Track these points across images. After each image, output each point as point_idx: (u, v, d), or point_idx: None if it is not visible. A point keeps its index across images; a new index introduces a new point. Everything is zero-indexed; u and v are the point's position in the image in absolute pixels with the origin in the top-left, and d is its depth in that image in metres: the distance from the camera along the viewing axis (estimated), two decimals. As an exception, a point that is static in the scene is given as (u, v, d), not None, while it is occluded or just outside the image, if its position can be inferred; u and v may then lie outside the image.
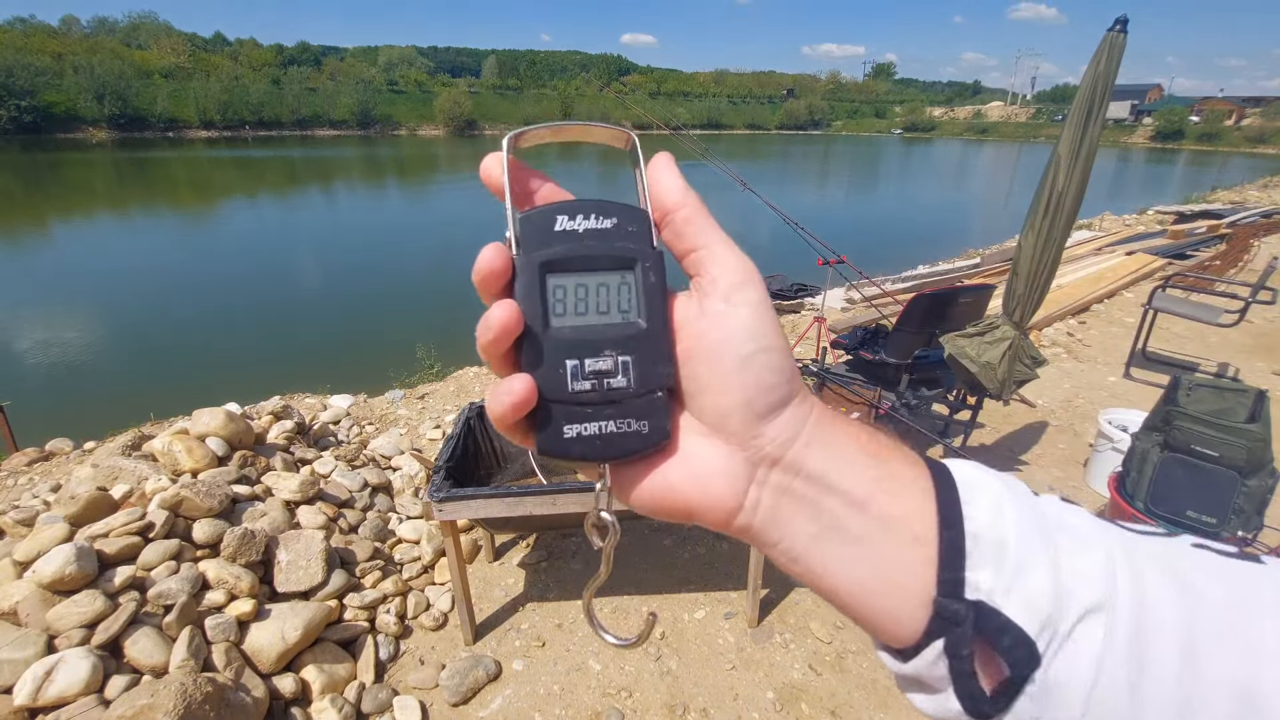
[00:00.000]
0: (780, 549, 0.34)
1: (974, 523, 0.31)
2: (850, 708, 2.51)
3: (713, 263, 0.34)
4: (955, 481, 0.33)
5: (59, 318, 9.52)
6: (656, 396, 0.34)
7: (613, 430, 0.34)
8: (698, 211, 0.35)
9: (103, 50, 60.65)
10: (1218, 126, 76.90)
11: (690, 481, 0.34)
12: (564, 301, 0.34)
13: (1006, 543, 0.30)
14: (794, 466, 0.33)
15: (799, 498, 0.33)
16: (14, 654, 2.05)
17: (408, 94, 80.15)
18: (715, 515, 0.34)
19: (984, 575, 0.30)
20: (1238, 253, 9.84)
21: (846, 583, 0.33)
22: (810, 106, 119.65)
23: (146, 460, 3.20)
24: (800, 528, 0.33)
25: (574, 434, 0.34)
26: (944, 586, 0.31)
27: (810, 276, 8.55)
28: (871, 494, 0.33)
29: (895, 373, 3.98)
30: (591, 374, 0.34)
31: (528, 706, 2.50)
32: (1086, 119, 2.94)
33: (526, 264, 0.34)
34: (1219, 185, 24.42)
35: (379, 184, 30.43)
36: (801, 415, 0.34)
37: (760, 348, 0.33)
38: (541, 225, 0.34)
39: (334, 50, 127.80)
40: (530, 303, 0.34)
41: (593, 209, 0.35)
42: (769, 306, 0.34)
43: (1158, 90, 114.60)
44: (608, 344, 0.34)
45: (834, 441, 0.34)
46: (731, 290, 0.34)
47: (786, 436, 0.33)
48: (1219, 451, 2.85)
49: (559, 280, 0.34)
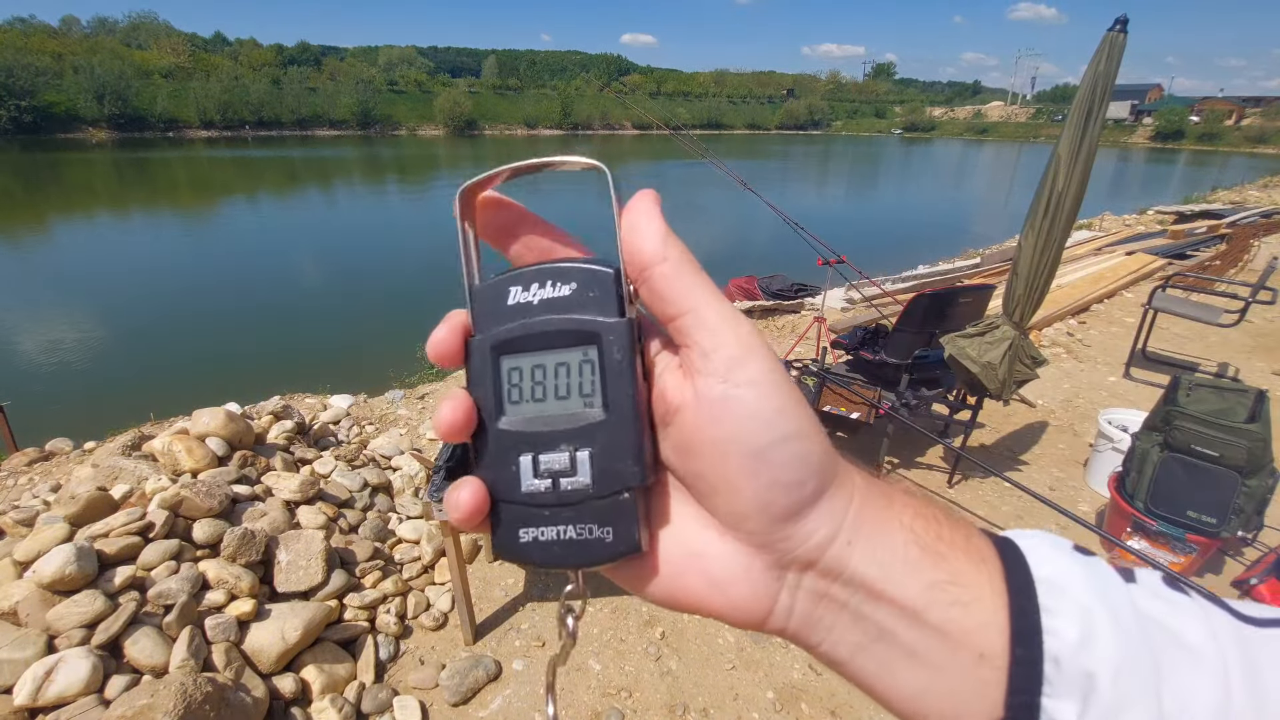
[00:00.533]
0: (821, 651, 0.30)
1: (1057, 641, 0.26)
2: (850, 708, 2.51)
3: (701, 332, 0.28)
4: (1033, 580, 0.28)
5: (59, 318, 9.52)
6: (623, 498, 0.29)
7: (572, 536, 0.30)
8: (680, 266, 0.28)
9: (103, 50, 60.60)
10: (1218, 126, 76.90)
11: (706, 587, 0.30)
12: (520, 386, 0.31)
13: (1097, 676, 0.25)
14: (833, 570, 0.28)
15: (840, 605, 0.29)
16: (14, 654, 2.05)
17: (408, 94, 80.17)
18: (741, 621, 0.30)
19: (1066, 709, 0.26)
20: (1238, 253, 9.84)
21: (898, 696, 0.29)
22: (810, 106, 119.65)
23: (146, 460, 3.20)
24: (842, 636, 0.29)
25: (530, 539, 0.30)
26: (1013, 710, 0.26)
27: (810, 276, 8.55)
28: (929, 603, 0.28)
29: (895, 373, 3.98)
30: (547, 472, 0.30)
31: (528, 706, 2.50)
32: (1086, 119, 2.95)
33: (479, 347, 0.31)
34: (1219, 185, 24.42)
35: (379, 184, 30.43)
36: (840, 508, 0.29)
37: (776, 439, 0.27)
38: (494, 299, 0.31)
39: (334, 50, 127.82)
40: (483, 390, 0.30)
41: (549, 275, 0.30)
42: (783, 381, 0.28)
43: (1158, 90, 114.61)
44: (565, 437, 0.30)
45: (882, 537, 0.29)
46: (730, 368, 0.28)
47: (822, 537, 0.28)
48: (1219, 451, 2.85)
49: (514, 362, 0.30)
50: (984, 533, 0.31)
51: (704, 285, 0.29)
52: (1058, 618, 0.27)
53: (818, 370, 4.09)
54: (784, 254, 9.72)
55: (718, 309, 0.28)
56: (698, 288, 0.28)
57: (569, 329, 0.30)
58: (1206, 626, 0.27)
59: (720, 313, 0.28)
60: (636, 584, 0.31)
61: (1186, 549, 2.91)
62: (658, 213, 0.29)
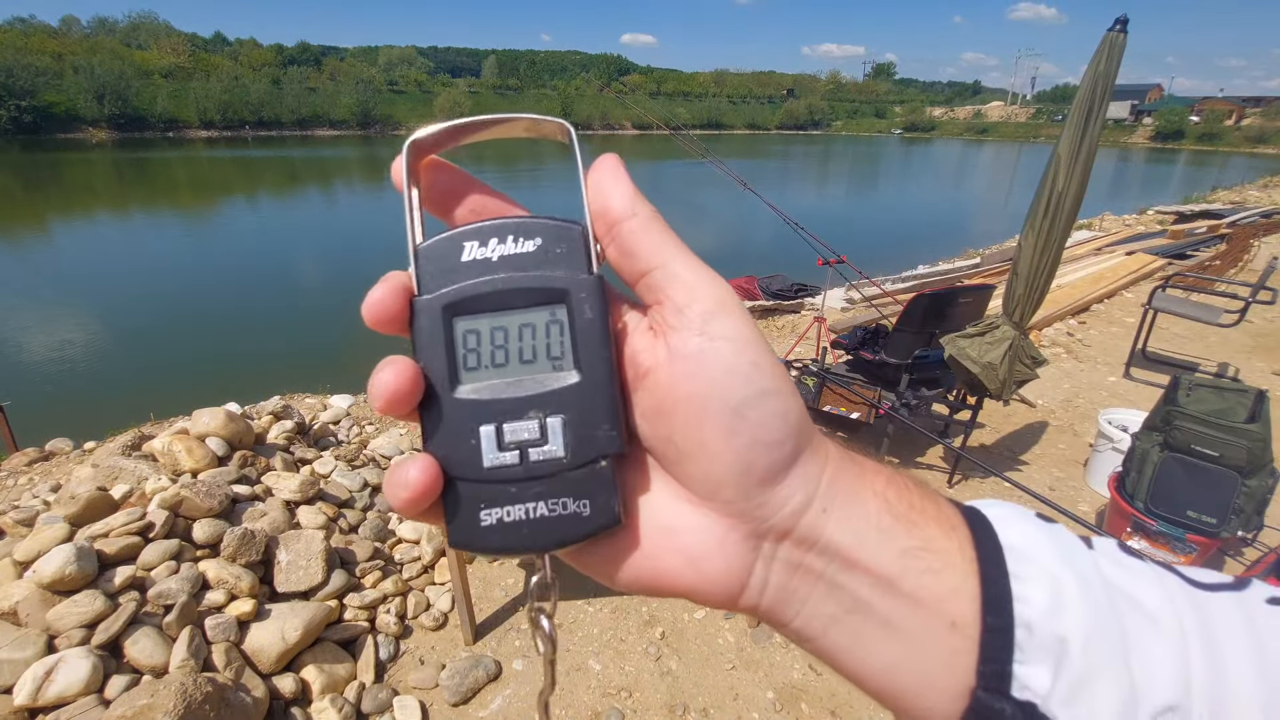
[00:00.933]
0: (793, 628, 0.29)
1: (1027, 607, 0.26)
2: (850, 708, 2.51)
3: (675, 286, 0.27)
4: (1002, 547, 0.28)
5: (59, 318, 9.52)
6: (600, 467, 0.27)
7: (544, 514, 0.27)
8: (650, 221, 0.28)
9: (103, 50, 60.67)
10: (1218, 126, 76.97)
11: (680, 563, 0.28)
12: (477, 351, 0.28)
13: (1068, 641, 0.25)
14: (808, 539, 0.28)
15: (815, 575, 0.28)
16: (14, 654, 2.05)
17: (408, 94, 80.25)
18: (714, 598, 0.29)
19: (1038, 674, 0.25)
20: (1238, 253, 9.85)
21: (869, 670, 0.28)
22: (810, 106, 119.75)
23: (146, 460, 3.20)
24: (816, 609, 0.28)
25: (493, 520, 0.27)
26: (985, 678, 0.26)
27: (810, 276, 8.55)
28: (902, 570, 0.27)
29: (895, 373, 3.98)
30: (513, 444, 0.27)
31: (527, 707, 2.50)
32: (1086, 119, 2.95)
33: (427, 308, 0.27)
34: (1219, 185, 24.44)
35: (379, 184, 30.42)
36: (814, 474, 0.28)
37: (756, 392, 0.26)
38: (446, 256, 0.28)
39: (334, 50, 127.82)
40: (433, 357, 0.27)
41: (510, 230, 0.28)
42: (758, 337, 0.28)
43: (1158, 90, 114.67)
44: (533, 403, 0.27)
45: (856, 505, 0.28)
46: (706, 320, 0.27)
47: (797, 503, 0.27)
48: (1219, 451, 2.85)
49: (470, 324, 0.28)
50: (952, 502, 0.30)
51: (675, 241, 0.28)
52: (1027, 584, 0.27)
53: (818, 370, 4.10)
54: (784, 254, 9.72)
55: (690, 263, 0.28)
56: (669, 243, 0.28)
57: (535, 286, 0.28)
58: (1164, 592, 0.27)
59: (693, 267, 0.28)
60: (608, 566, 0.29)
61: (1186, 549, 2.91)
62: (624, 172, 0.29)
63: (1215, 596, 0.28)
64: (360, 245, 15.81)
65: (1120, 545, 0.30)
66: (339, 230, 18.42)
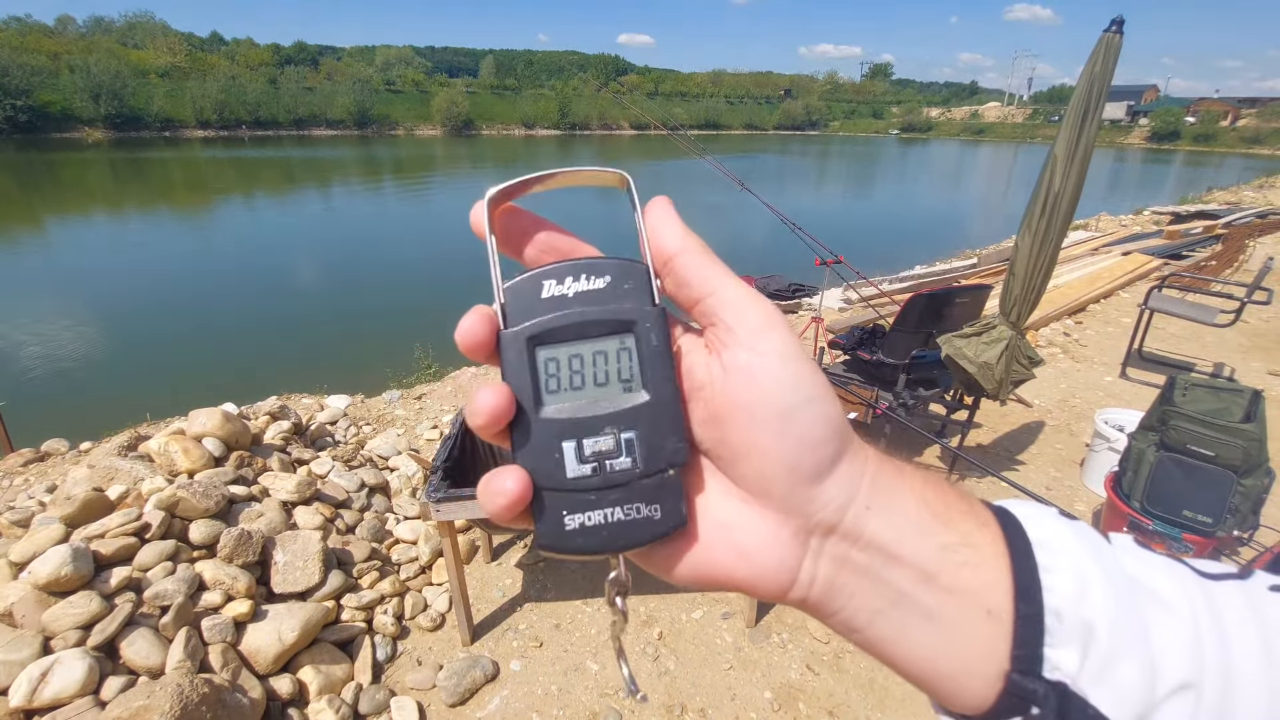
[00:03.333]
0: (839, 619, 0.31)
1: (1055, 596, 0.29)
2: (848, 707, 2.52)
3: (725, 309, 0.31)
4: (1030, 542, 0.30)
5: (55, 318, 9.49)
6: (668, 475, 0.31)
7: (620, 518, 0.31)
8: (700, 255, 0.31)
9: (99, 50, 60.41)
10: (1213, 127, 77.22)
11: (734, 557, 0.31)
12: (557, 376, 0.31)
13: (1094, 624, 0.28)
14: (852, 534, 0.30)
15: (861, 570, 0.30)
16: (9, 655, 2.04)
17: (405, 94, 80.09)
18: (766, 590, 0.31)
19: (1067, 656, 0.28)
20: (1233, 253, 9.88)
21: (912, 658, 0.30)
22: (808, 107, 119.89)
23: (143, 461, 3.20)
24: (862, 602, 0.31)
25: (576, 525, 0.31)
26: (1019, 662, 0.28)
27: (808, 276, 8.56)
28: (942, 565, 0.30)
29: (892, 373, 3.98)
30: (591, 456, 0.31)
31: (525, 707, 2.50)
32: (1083, 120, 2.95)
33: (513, 340, 0.31)
34: (1215, 186, 24.52)
35: (376, 184, 30.40)
36: (856, 472, 0.31)
37: (802, 399, 0.29)
38: (528, 294, 0.31)
39: (331, 50, 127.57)
40: (520, 381, 0.31)
41: (583, 269, 0.32)
42: (801, 350, 0.31)
43: (1154, 91, 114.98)
44: (608, 420, 0.31)
45: (897, 503, 0.31)
46: (754, 337, 0.30)
47: (842, 499, 0.30)
48: (1215, 451, 2.86)
49: (550, 353, 0.31)
50: (983, 501, 0.33)
51: (723, 270, 0.31)
52: (1055, 574, 0.29)
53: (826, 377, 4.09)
54: (781, 254, 9.74)
55: (738, 289, 0.31)
56: (718, 272, 0.31)
57: (606, 318, 0.31)
58: (1176, 582, 0.30)
59: (740, 292, 0.31)
60: (670, 562, 0.32)
61: (1183, 548, 2.91)
62: (674, 213, 0.32)
63: (1222, 585, 0.30)
64: (359, 245, 15.81)
65: (1135, 540, 0.33)
66: (336, 230, 18.38)
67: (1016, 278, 3.33)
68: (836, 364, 4.57)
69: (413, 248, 15.91)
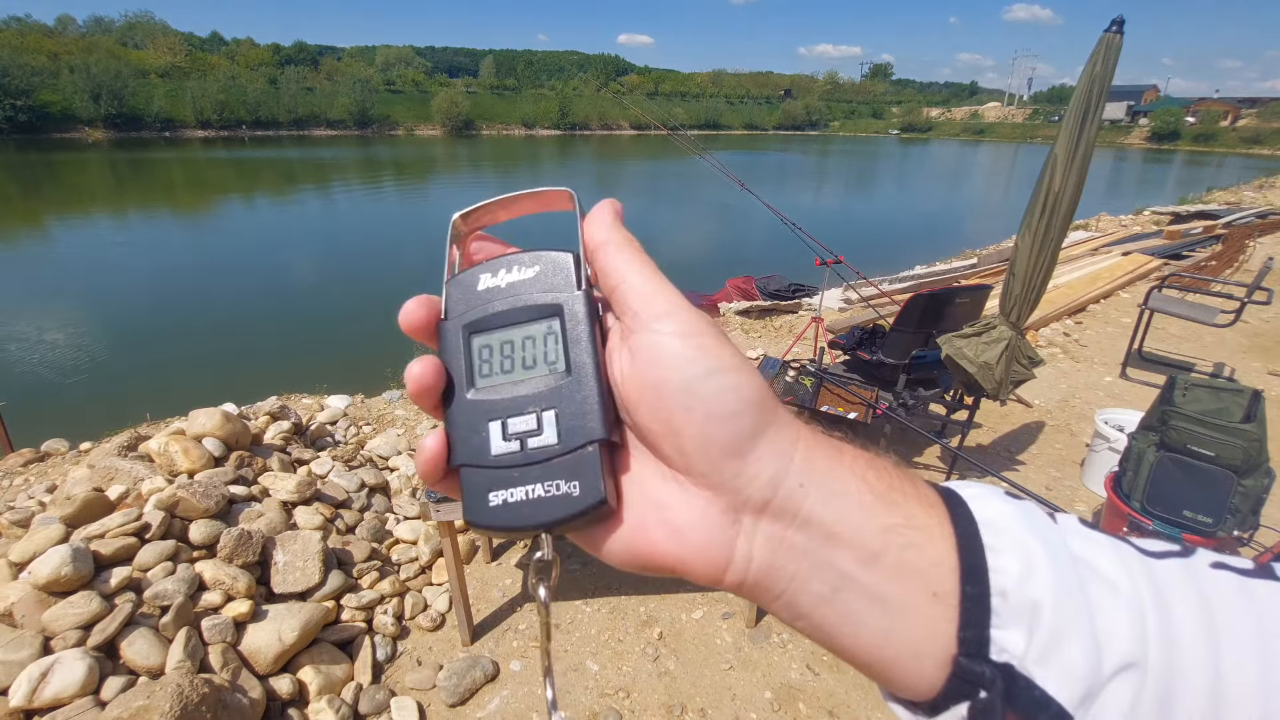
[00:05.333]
0: (781, 603, 0.31)
1: (1001, 576, 0.28)
2: (848, 708, 2.52)
3: (632, 296, 0.31)
4: (976, 522, 0.30)
5: (54, 318, 9.49)
6: (587, 451, 0.31)
7: (540, 494, 0.31)
8: (620, 247, 0.32)
9: (99, 50, 60.37)
10: (1213, 127, 77.21)
11: (665, 534, 0.31)
12: (490, 361, 0.33)
13: (1040, 605, 0.27)
14: (787, 513, 0.29)
15: (799, 551, 0.30)
16: (9, 655, 2.04)
17: (405, 94, 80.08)
18: (700, 570, 0.31)
19: (1013, 637, 0.28)
20: (1233, 253, 9.88)
21: (858, 644, 0.30)
22: (808, 107, 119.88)
23: (143, 461, 3.20)
24: (803, 585, 0.30)
25: (499, 501, 0.31)
26: (965, 644, 0.28)
27: (808, 276, 8.56)
28: (884, 546, 0.29)
29: (892, 373, 3.98)
30: (514, 435, 0.32)
31: (525, 707, 2.50)
32: (1083, 120, 2.95)
33: (451, 329, 0.34)
34: (1214, 186, 24.50)
35: (376, 184, 30.39)
36: (784, 448, 0.30)
37: (701, 372, 0.29)
38: (466, 287, 0.34)
39: (331, 50, 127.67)
40: (455, 367, 0.33)
41: (515, 261, 0.34)
42: (710, 330, 0.31)
43: (1154, 91, 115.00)
44: (531, 400, 0.32)
45: (835, 483, 0.30)
46: (656, 320, 0.31)
47: (769, 474, 0.29)
48: (1215, 451, 2.86)
49: (484, 340, 0.33)
50: (927, 482, 0.33)
51: (638, 260, 0.32)
52: (1001, 555, 0.29)
53: (815, 370, 4.10)
54: (781, 254, 9.73)
55: (646, 277, 0.32)
56: (632, 262, 0.32)
57: (533, 304, 0.33)
58: (1120, 561, 0.30)
59: (647, 279, 0.32)
60: (601, 541, 0.32)
61: (1182, 548, 2.91)
62: (610, 211, 0.34)
63: (1164, 563, 0.30)
64: (359, 245, 15.80)
65: (1080, 520, 0.32)
66: (335, 230, 18.36)
67: (1016, 278, 3.33)
68: (837, 364, 4.57)
69: (413, 248, 15.89)
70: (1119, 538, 0.32)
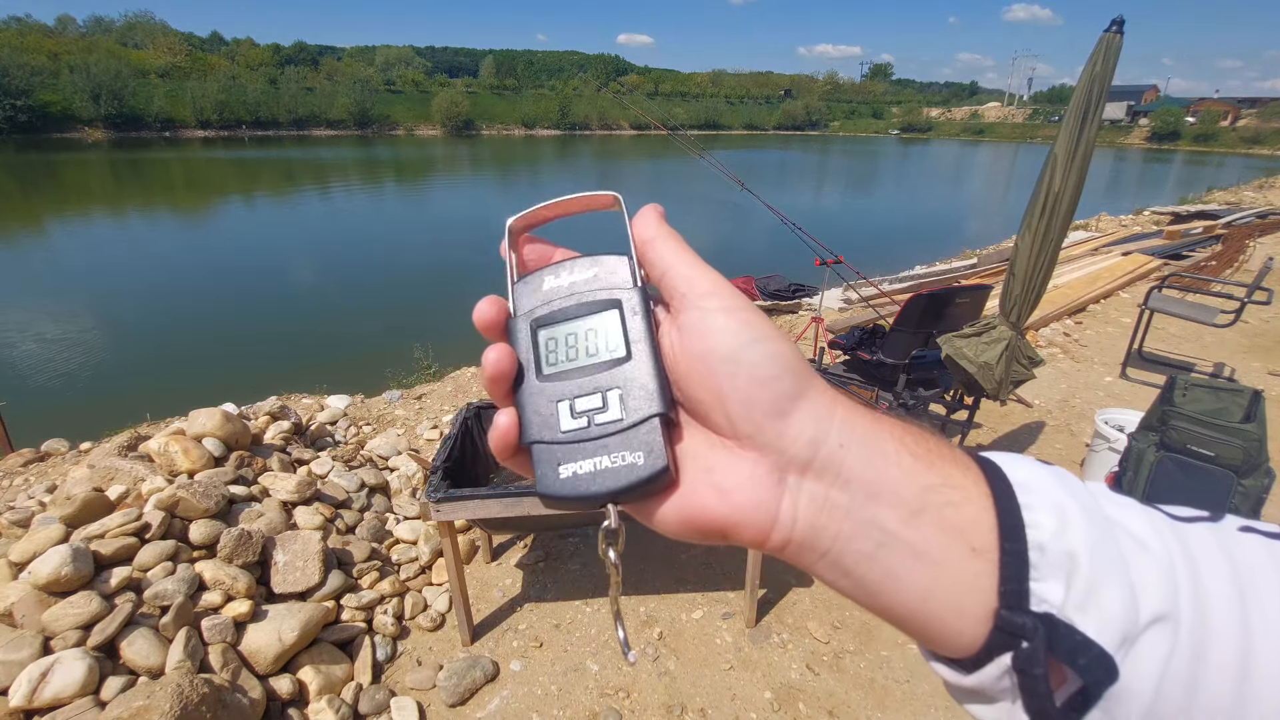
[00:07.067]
0: (825, 563, 0.32)
1: (1038, 531, 0.30)
2: (848, 707, 2.52)
3: (678, 279, 0.34)
4: (1011, 484, 0.31)
5: (55, 318, 9.49)
6: (649, 424, 0.34)
7: (608, 465, 0.34)
8: (665, 239, 0.35)
9: (99, 50, 60.38)
10: (1213, 127, 77.22)
11: (714, 496, 0.32)
12: (555, 351, 0.36)
13: (1076, 555, 0.29)
14: (830, 471, 0.31)
15: (843, 510, 0.31)
16: (9, 655, 2.04)
17: (405, 94, 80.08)
18: (748, 531, 0.32)
19: (1052, 588, 0.29)
20: (1233, 253, 9.88)
21: (900, 600, 0.31)
22: (808, 107, 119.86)
23: (143, 461, 3.20)
24: (847, 544, 0.31)
25: (569, 473, 0.34)
26: (1006, 598, 0.29)
27: (808, 276, 8.56)
28: (924, 504, 0.30)
29: (892, 373, 3.98)
30: (581, 412, 0.35)
31: (525, 707, 2.50)
32: (1083, 120, 2.95)
33: (519, 324, 0.37)
34: (1214, 186, 24.50)
35: (376, 184, 30.38)
36: (824, 411, 0.31)
37: (746, 341, 0.32)
38: (532, 288, 0.38)
39: (331, 50, 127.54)
40: (525, 357, 0.36)
41: (575, 264, 0.38)
42: (747, 306, 0.33)
43: (1154, 91, 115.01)
44: (595, 382, 0.35)
45: (875, 443, 0.31)
46: (701, 298, 0.33)
47: (811, 435, 0.31)
48: (1215, 451, 2.86)
49: (550, 333, 0.37)
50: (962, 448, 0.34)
51: (682, 250, 0.35)
52: (1036, 512, 0.30)
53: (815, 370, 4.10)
54: (781, 254, 9.74)
55: (691, 262, 0.35)
56: (674, 251, 0.35)
57: (594, 299, 0.37)
58: (1150, 523, 0.31)
59: (692, 264, 0.34)
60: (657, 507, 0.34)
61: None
62: (655, 213, 0.37)
63: (1194, 527, 0.32)
64: (359, 245, 15.79)
65: (1109, 487, 0.34)
66: (335, 230, 18.36)
67: (1016, 278, 3.33)
68: (836, 364, 4.57)
69: (413, 248, 15.91)
70: (1147, 504, 0.33)
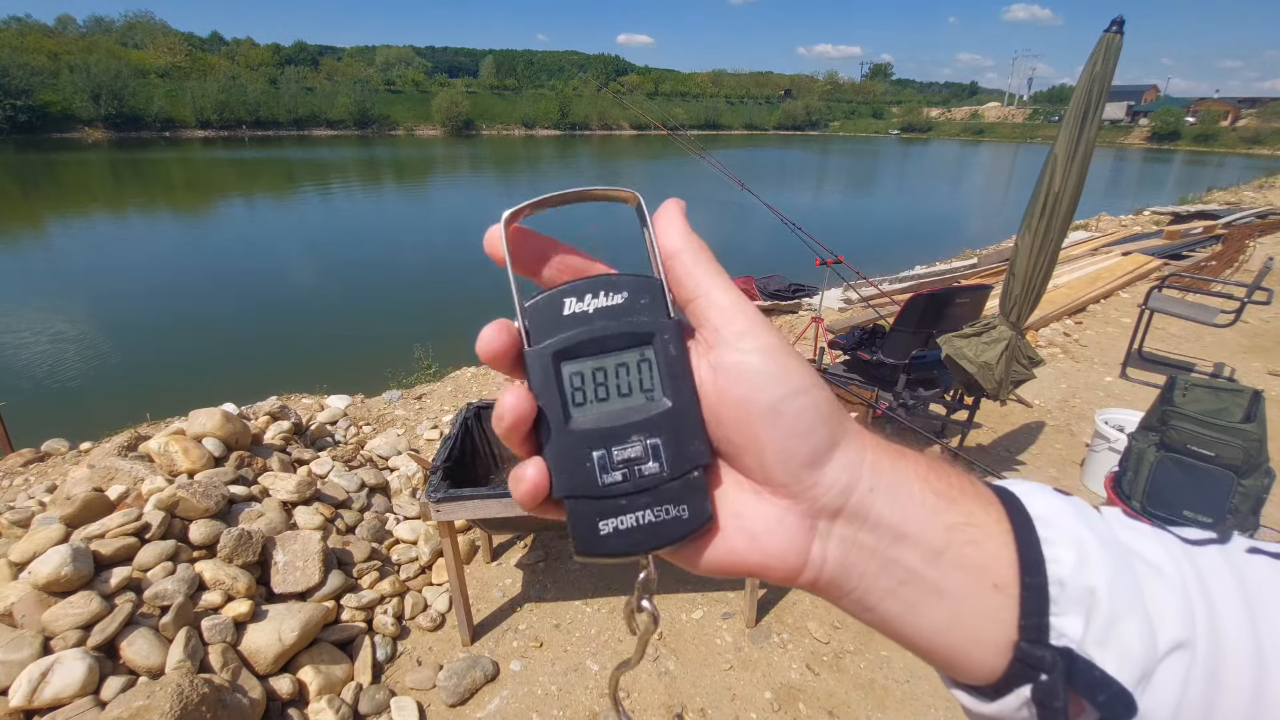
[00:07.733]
0: (852, 599, 0.33)
1: (1058, 566, 0.30)
2: (848, 708, 2.52)
3: (714, 311, 0.32)
4: (1031, 518, 0.32)
5: (55, 318, 9.49)
6: (693, 476, 0.32)
7: (651, 520, 0.32)
8: (696, 255, 0.33)
9: (99, 50, 60.39)
10: (1213, 127, 77.22)
11: (745, 541, 0.33)
12: (583, 390, 0.33)
13: (1096, 590, 0.29)
14: (859, 516, 0.31)
15: (869, 552, 0.32)
16: (9, 655, 2.04)
17: (405, 94, 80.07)
18: (779, 574, 0.33)
19: (1071, 622, 0.29)
20: (1233, 253, 9.87)
21: (922, 634, 0.32)
22: (808, 107, 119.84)
23: (143, 461, 3.20)
24: (873, 582, 0.32)
25: (610, 529, 0.32)
26: (1027, 631, 0.30)
27: (808, 276, 8.56)
28: (948, 543, 0.31)
29: (892, 373, 3.98)
30: (621, 463, 0.32)
31: (525, 707, 2.50)
32: (1083, 120, 2.95)
33: (539, 356, 0.32)
34: (1214, 186, 24.49)
35: (376, 184, 30.37)
36: (856, 458, 0.32)
37: (786, 392, 0.31)
38: (549, 311, 0.33)
39: (331, 50, 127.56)
40: (548, 396, 0.32)
41: (601, 286, 0.33)
42: (786, 348, 0.32)
43: (1153, 91, 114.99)
44: (634, 429, 0.32)
45: (900, 485, 0.32)
46: (738, 338, 0.32)
47: (844, 483, 0.31)
48: (1215, 451, 2.86)
49: (575, 367, 0.33)
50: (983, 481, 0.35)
51: (717, 273, 0.33)
52: (1056, 546, 0.31)
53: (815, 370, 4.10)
54: (781, 254, 9.74)
55: (728, 292, 0.33)
56: (712, 274, 0.33)
57: (626, 331, 0.33)
58: (1163, 548, 0.32)
59: (730, 296, 0.32)
60: (694, 554, 0.34)
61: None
62: (679, 214, 0.34)
63: (1204, 550, 0.32)
64: (359, 245, 15.79)
65: (1124, 512, 0.35)
66: (335, 230, 18.35)
67: (1017, 278, 3.33)
68: (836, 364, 4.57)
69: (413, 248, 15.91)
70: (1159, 528, 0.34)
